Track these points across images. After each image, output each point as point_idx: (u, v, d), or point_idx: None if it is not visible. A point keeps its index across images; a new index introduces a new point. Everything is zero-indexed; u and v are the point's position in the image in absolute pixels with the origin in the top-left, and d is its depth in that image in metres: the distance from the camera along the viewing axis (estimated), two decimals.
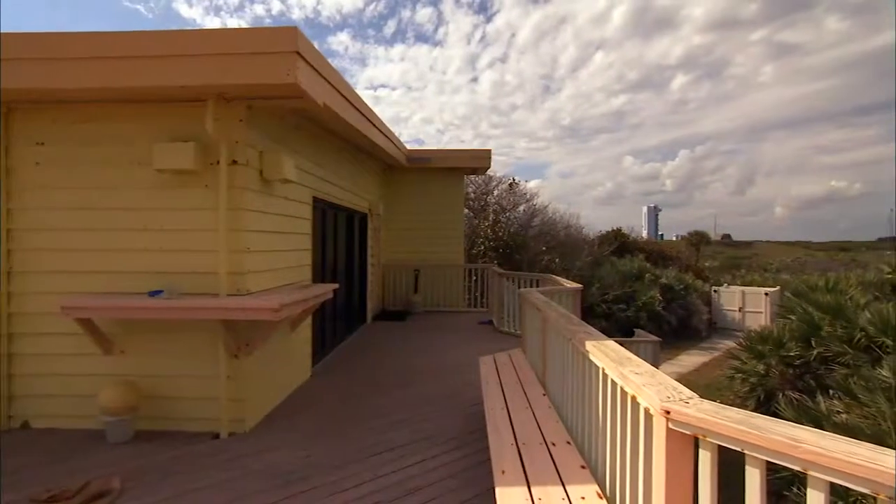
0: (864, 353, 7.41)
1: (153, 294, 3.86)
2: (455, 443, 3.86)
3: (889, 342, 6.98)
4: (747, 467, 1.50)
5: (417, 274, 10.60)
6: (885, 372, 5.66)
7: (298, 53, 3.52)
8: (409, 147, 10.52)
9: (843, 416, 5.93)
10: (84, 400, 4.01)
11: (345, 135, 6.46)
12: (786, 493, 4.66)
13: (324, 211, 6.57)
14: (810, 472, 1.35)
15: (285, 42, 3.54)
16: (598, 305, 15.48)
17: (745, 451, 1.49)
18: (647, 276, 17.14)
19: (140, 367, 4.10)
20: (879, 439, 4.72)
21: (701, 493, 1.62)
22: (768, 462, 1.45)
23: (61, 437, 3.96)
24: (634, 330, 11.62)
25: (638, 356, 2.18)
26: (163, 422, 4.07)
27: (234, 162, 4.00)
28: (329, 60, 4.37)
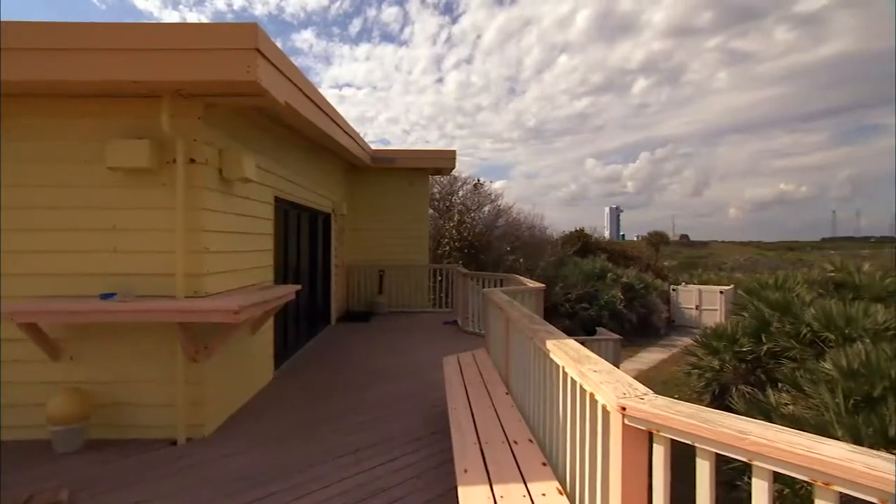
0: (810, 348, 7.78)
1: (105, 297, 3.72)
2: (419, 443, 3.87)
3: (832, 337, 7.35)
4: (698, 459, 1.56)
5: (382, 274, 10.55)
6: (827, 365, 5.95)
7: (258, 51, 3.46)
8: (374, 147, 10.47)
9: (791, 407, 6.20)
10: (31, 409, 3.82)
11: (308, 134, 6.37)
12: (738, 482, 4.85)
13: (286, 211, 6.46)
14: (755, 462, 1.41)
15: (245, 39, 3.47)
16: (562, 305, 15.73)
17: (696, 444, 1.55)
18: (609, 275, 17.52)
19: (92, 373, 3.93)
20: (823, 429, 4.97)
21: (655, 486, 1.68)
22: (719, 454, 1.51)
23: (5, 448, 3.77)
24: (597, 328, 11.87)
25: (600, 354, 2.24)
26: (117, 430, 3.93)
27: (192, 160, 3.90)
28: (293, 58, 4.31)
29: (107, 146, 3.76)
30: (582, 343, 2.36)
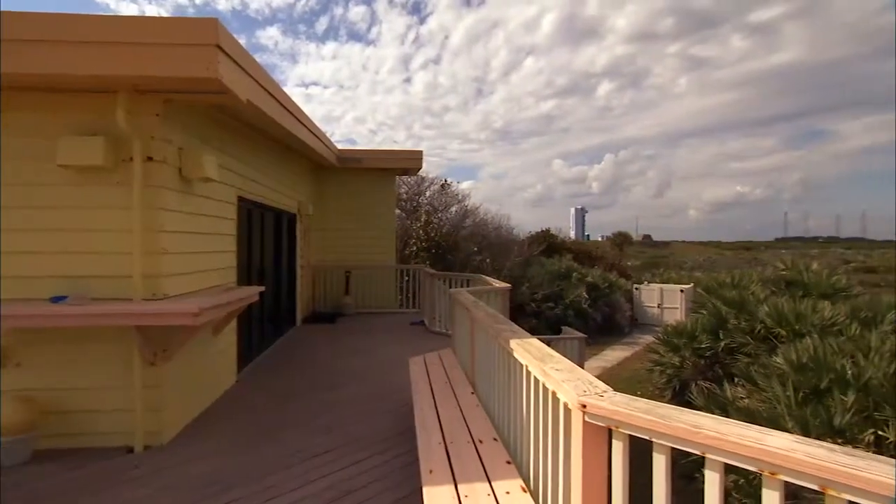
0: (763, 343, 8.10)
1: (56, 300, 3.57)
2: (386, 444, 3.85)
3: (783, 332, 7.67)
4: (654, 454, 1.60)
5: (348, 275, 10.46)
6: (779, 360, 6.20)
7: (219, 47, 3.39)
8: (341, 147, 10.39)
9: (746, 401, 6.44)
10: None
11: (272, 133, 6.27)
12: (696, 475, 5.00)
13: (249, 211, 6.34)
14: (708, 455, 1.47)
15: (205, 34, 3.40)
16: (528, 304, 15.91)
17: (653, 440, 1.59)
18: (574, 275, 17.82)
19: (41, 380, 3.76)
20: (775, 421, 5.18)
21: (614, 481, 1.72)
22: (675, 448, 1.56)
23: None
24: (562, 327, 12.08)
25: (565, 352, 2.29)
26: (70, 439, 3.76)
27: (150, 159, 3.78)
28: (258, 55, 4.24)
29: (58, 143, 3.61)
30: (547, 342, 2.41)
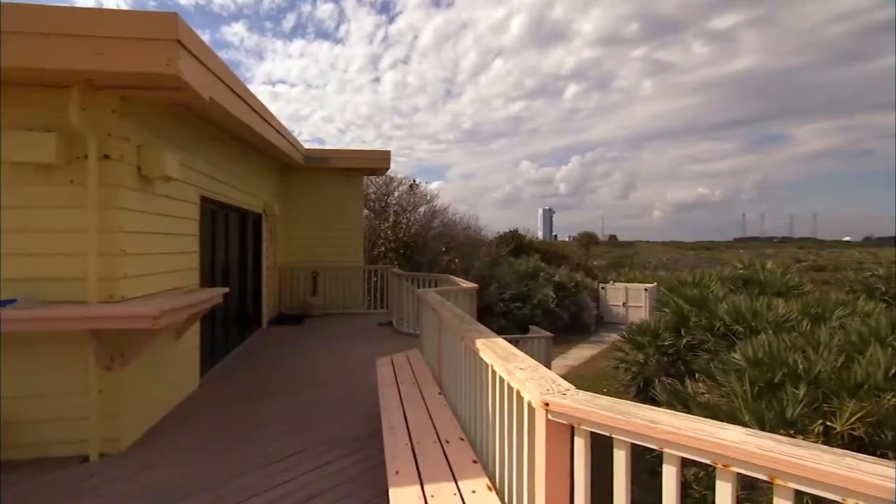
0: (723, 340, 8.36)
1: (4, 304, 3.41)
2: (353, 446, 3.83)
3: (741, 329, 7.95)
4: (615, 450, 1.65)
5: (315, 276, 10.34)
6: (736, 355, 6.42)
7: (179, 42, 3.30)
8: (309, 146, 10.27)
9: (706, 396, 6.65)
10: None
11: (236, 131, 6.15)
12: (659, 469, 5.14)
13: (213, 211, 6.19)
14: (665, 450, 1.52)
15: (165, 29, 3.30)
16: (497, 304, 16.04)
17: (613, 436, 1.64)
18: (541, 275, 18.06)
19: None
20: (733, 415, 5.35)
21: (576, 476, 1.76)
22: (635, 444, 1.61)
23: None
24: (530, 327, 12.20)
25: (532, 351, 2.33)
26: (20, 450, 3.59)
27: (106, 156, 3.65)
28: (222, 52, 4.17)
29: (7, 139, 3.46)
30: (515, 341, 2.46)
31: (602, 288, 20.37)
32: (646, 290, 18.83)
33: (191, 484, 3.25)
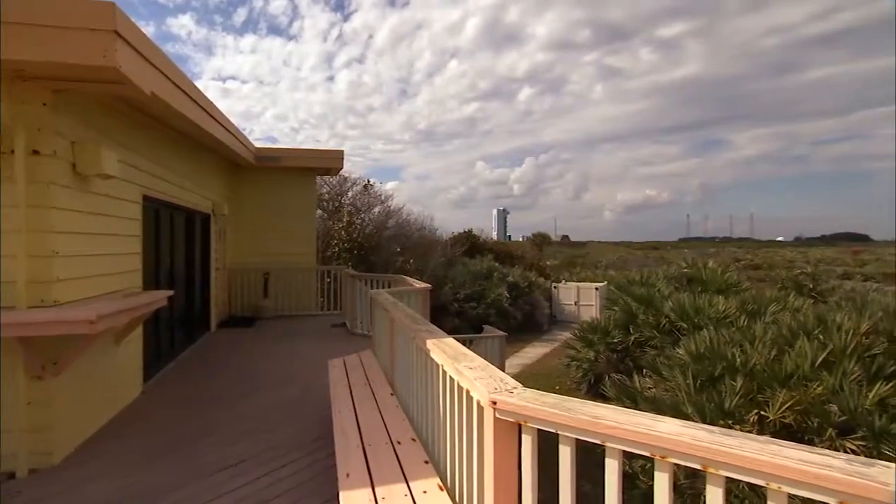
0: (668, 336, 8.71)
1: None
2: (304, 450, 3.76)
3: (685, 326, 8.29)
4: (560, 445, 1.69)
5: (267, 277, 10.09)
6: (680, 351, 6.70)
7: (117, 33, 3.15)
8: (262, 145, 10.03)
9: (653, 390, 6.90)
10: None
11: (182, 128, 5.92)
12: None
13: (157, 211, 5.94)
14: (607, 444, 1.57)
15: (101, 19, 3.14)
16: (451, 304, 16.11)
17: (559, 432, 1.68)
18: (495, 274, 18.26)
19: None
20: (676, 407, 5.59)
21: (523, 473, 1.79)
22: (581, 439, 1.65)
23: None
24: (483, 326, 12.32)
25: (486, 350, 2.36)
26: None
27: (36, 152, 3.44)
28: (168, 45, 4.02)
29: None
30: (469, 341, 2.48)
31: (555, 287, 20.79)
32: (596, 289, 19.34)
33: (128, 498, 3.10)
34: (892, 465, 1.18)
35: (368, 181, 18.69)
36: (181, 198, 6.69)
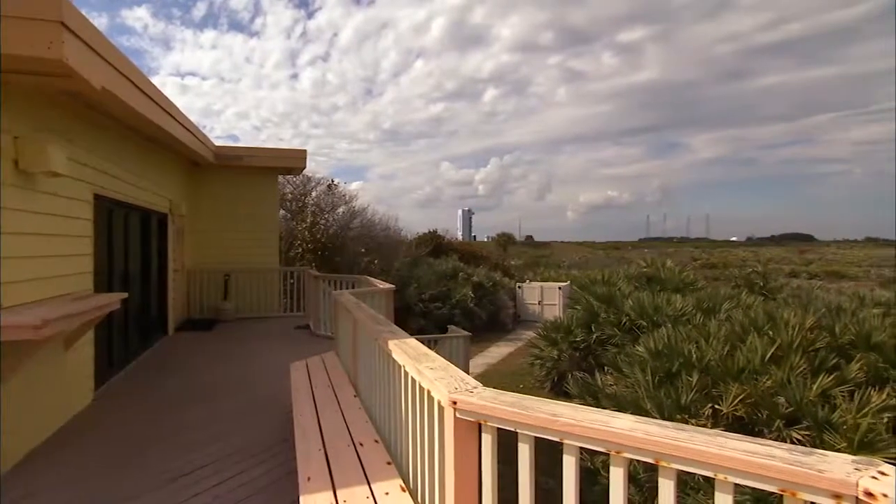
0: (629, 334, 8.91)
1: None
2: (265, 455, 3.69)
3: (644, 323, 8.51)
4: (519, 443, 1.71)
5: (228, 279, 9.84)
6: (640, 348, 6.87)
7: (63, 24, 3.02)
8: (223, 143, 9.79)
9: (614, 387, 7.05)
10: None
11: (136, 125, 5.72)
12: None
13: (110, 210, 5.72)
14: (565, 441, 1.60)
15: (46, 8, 3.01)
16: (417, 304, 16.07)
17: (518, 430, 1.70)
18: (460, 275, 18.30)
19: None
20: (636, 403, 5.73)
21: (483, 472, 1.81)
22: (540, 437, 1.67)
23: None
24: (448, 326, 12.34)
25: (451, 351, 2.37)
26: None
27: None
28: (123, 38, 3.92)
29: None
30: (434, 341, 2.48)
31: (519, 287, 20.97)
32: (559, 288, 19.62)
33: None
34: (829, 453, 1.25)
35: (332, 181, 18.46)
36: (136, 197, 6.46)
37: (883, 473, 1.09)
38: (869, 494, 1.05)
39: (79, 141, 4.65)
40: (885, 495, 1.02)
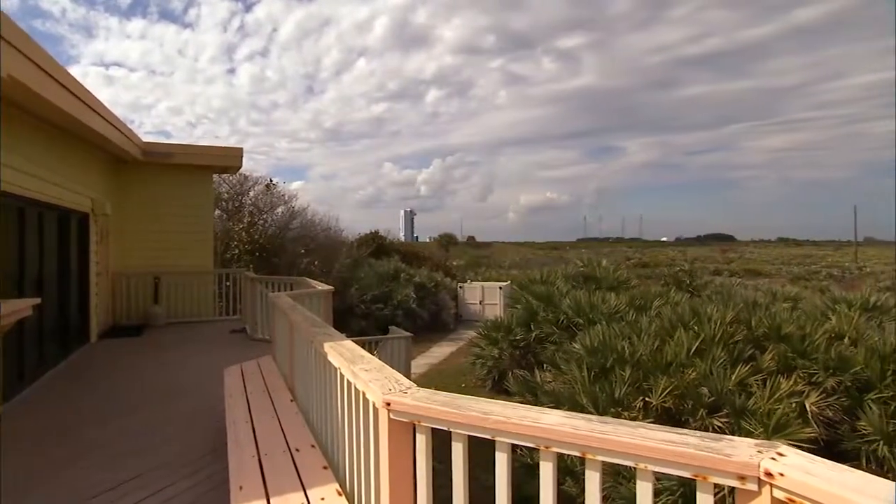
0: (566, 332, 9.17)
1: None
2: (194, 466, 3.52)
3: (581, 321, 8.79)
4: (453, 442, 1.72)
5: (158, 282, 9.35)
6: (577, 345, 7.10)
7: None
8: (154, 139, 9.29)
9: (552, 384, 7.25)
10: None
11: (51, 118, 5.34)
12: (524, 460, 5.48)
13: (21, 210, 5.30)
14: (497, 438, 1.62)
15: None
16: (358, 306, 15.88)
17: (452, 430, 1.71)
18: (402, 275, 18.22)
19: None
20: (573, 399, 5.92)
21: (418, 472, 1.82)
22: (473, 436, 1.69)
23: None
24: (390, 327, 12.27)
25: (392, 352, 2.35)
26: None
27: None
28: (38, 22, 3.62)
29: None
30: (375, 343, 2.46)
31: (460, 287, 21.13)
32: (500, 288, 19.92)
33: None
34: (736, 438, 1.34)
35: (271, 180, 17.94)
36: (52, 195, 6.03)
37: (781, 454, 1.19)
38: (768, 474, 1.14)
39: None
40: (781, 474, 1.11)
